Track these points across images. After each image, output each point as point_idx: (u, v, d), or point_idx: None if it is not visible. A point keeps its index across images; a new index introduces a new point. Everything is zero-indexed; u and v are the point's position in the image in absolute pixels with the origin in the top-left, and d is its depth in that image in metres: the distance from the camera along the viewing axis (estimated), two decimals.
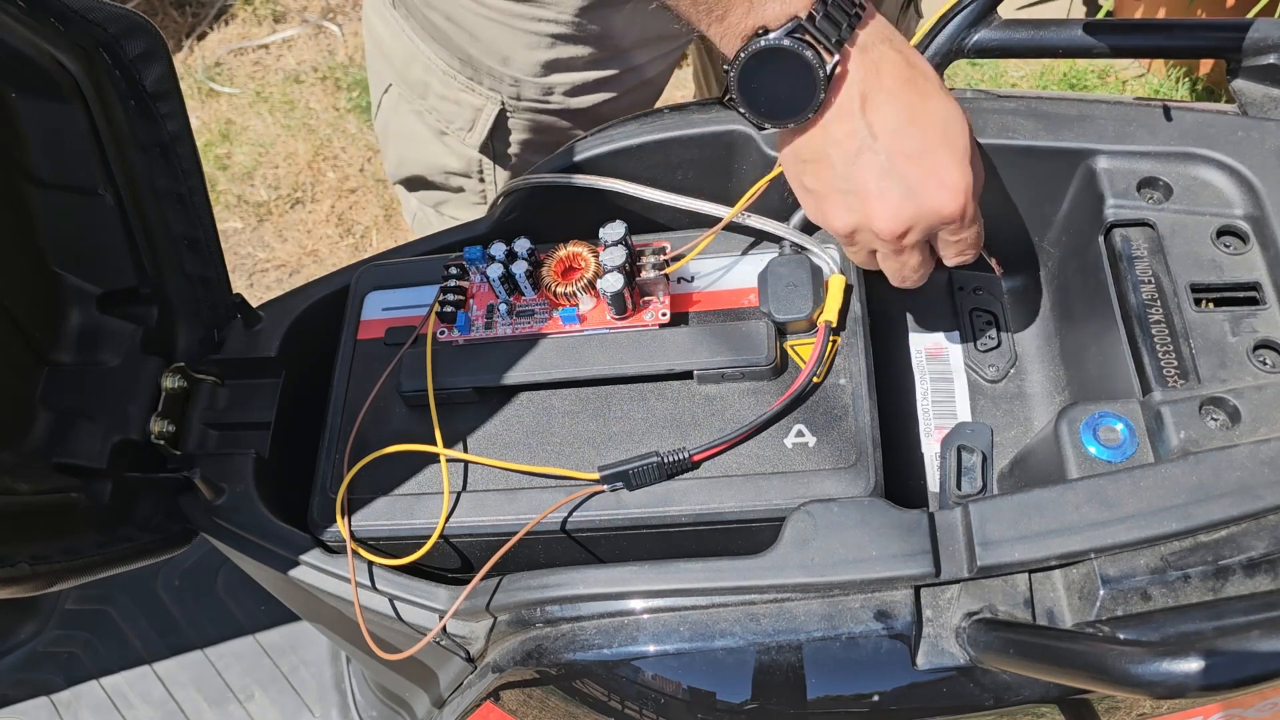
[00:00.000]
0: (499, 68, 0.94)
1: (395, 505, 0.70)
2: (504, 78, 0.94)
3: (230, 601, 1.33)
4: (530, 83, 0.94)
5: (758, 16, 0.59)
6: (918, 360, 0.80)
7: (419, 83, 0.99)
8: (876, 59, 0.60)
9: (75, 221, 0.78)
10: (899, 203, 0.61)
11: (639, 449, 0.68)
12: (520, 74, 0.94)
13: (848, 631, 0.61)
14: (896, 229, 0.62)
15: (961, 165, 0.61)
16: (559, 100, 0.96)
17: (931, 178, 0.60)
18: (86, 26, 0.69)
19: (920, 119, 0.60)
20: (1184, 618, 0.53)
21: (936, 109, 0.61)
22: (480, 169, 1.02)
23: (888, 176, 0.60)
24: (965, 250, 0.65)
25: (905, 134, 0.60)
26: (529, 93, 0.95)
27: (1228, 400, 0.61)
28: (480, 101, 0.97)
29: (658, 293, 0.73)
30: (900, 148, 0.60)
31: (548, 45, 0.91)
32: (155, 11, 2.44)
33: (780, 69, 0.59)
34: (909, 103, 0.60)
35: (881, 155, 0.60)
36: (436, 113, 1.00)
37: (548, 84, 0.94)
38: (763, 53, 0.59)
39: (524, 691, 0.70)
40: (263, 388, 0.82)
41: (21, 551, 0.70)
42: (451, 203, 1.08)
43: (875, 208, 0.61)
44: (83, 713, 1.28)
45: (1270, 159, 0.69)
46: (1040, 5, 2.08)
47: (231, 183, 2.17)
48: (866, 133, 0.60)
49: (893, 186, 0.60)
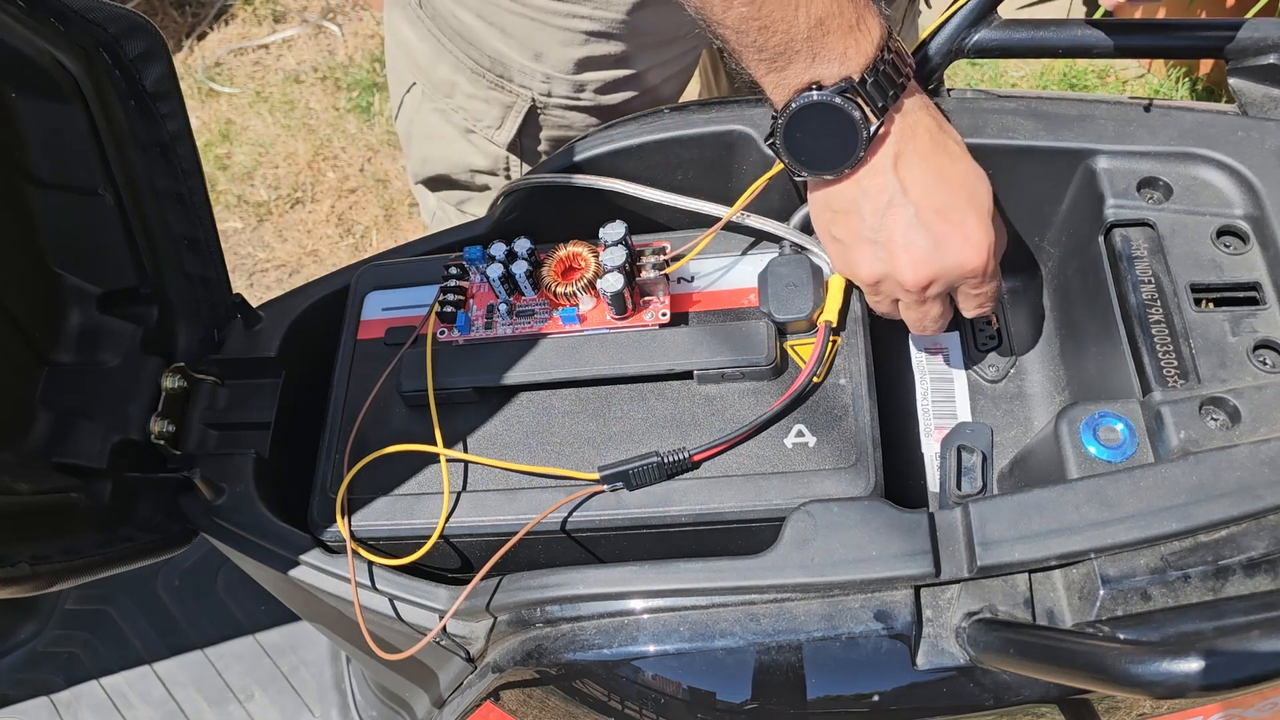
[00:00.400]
0: (531, 64, 0.94)
1: (395, 505, 0.70)
2: (535, 74, 0.95)
3: (230, 601, 1.34)
4: (562, 80, 0.95)
5: (815, 73, 0.62)
6: (918, 360, 0.80)
7: (445, 82, 1.00)
8: (913, 123, 0.64)
9: (75, 221, 0.78)
10: (925, 255, 0.64)
11: (639, 449, 0.68)
12: (553, 70, 0.94)
13: (848, 631, 0.61)
14: (921, 280, 0.65)
15: (985, 223, 0.65)
16: (589, 98, 0.97)
17: (957, 232, 0.64)
18: (86, 26, 0.69)
19: (948, 178, 0.64)
20: (1184, 618, 0.53)
21: (964, 171, 0.65)
22: (507, 166, 1.03)
23: (915, 229, 0.64)
24: (984, 304, 0.69)
25: (934, 191, 0.64)
26: (560, 90, 0.96)
27: (1228, 400, 0.61)
28: (510, 99, 0.97)
29: (658, 293, 0.73)
30: (929, 203, 0.64)
31: (581, 42, 0.92)
32: (155, 11, 2.44)
33: (826, 124, 0.62)
34: (938, 163, 0.64)
35: (910, 209, 0.64)
36: (464, 111, 1.00)
37: (580, 81, 0.95)
38: (814, 106, 0.62)
39: (524, 691, 0.70)
40: (263, 388, 0.82)
41: (21, 551, 0.70)
42: (474, 200, 1.09)
43: (902, 259, 0.64)
44: (83, 713, 1.28)
45: (1270, 159, 0.69)
46: (1040, 5, 2.08)
47: (231, 183, 2.17)
48: (897, 188, 0.64)
49: (920, 239, 0.64)
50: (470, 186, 1.07)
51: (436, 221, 1.15)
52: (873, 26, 0.62)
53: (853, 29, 0.61)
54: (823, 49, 0.61)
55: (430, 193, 1.12)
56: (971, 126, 0.73)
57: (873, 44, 0.62)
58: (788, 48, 0.61)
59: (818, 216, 0.69)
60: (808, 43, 0.61)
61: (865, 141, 0.63)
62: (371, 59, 2.33)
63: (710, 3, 0.60)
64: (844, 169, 0.64)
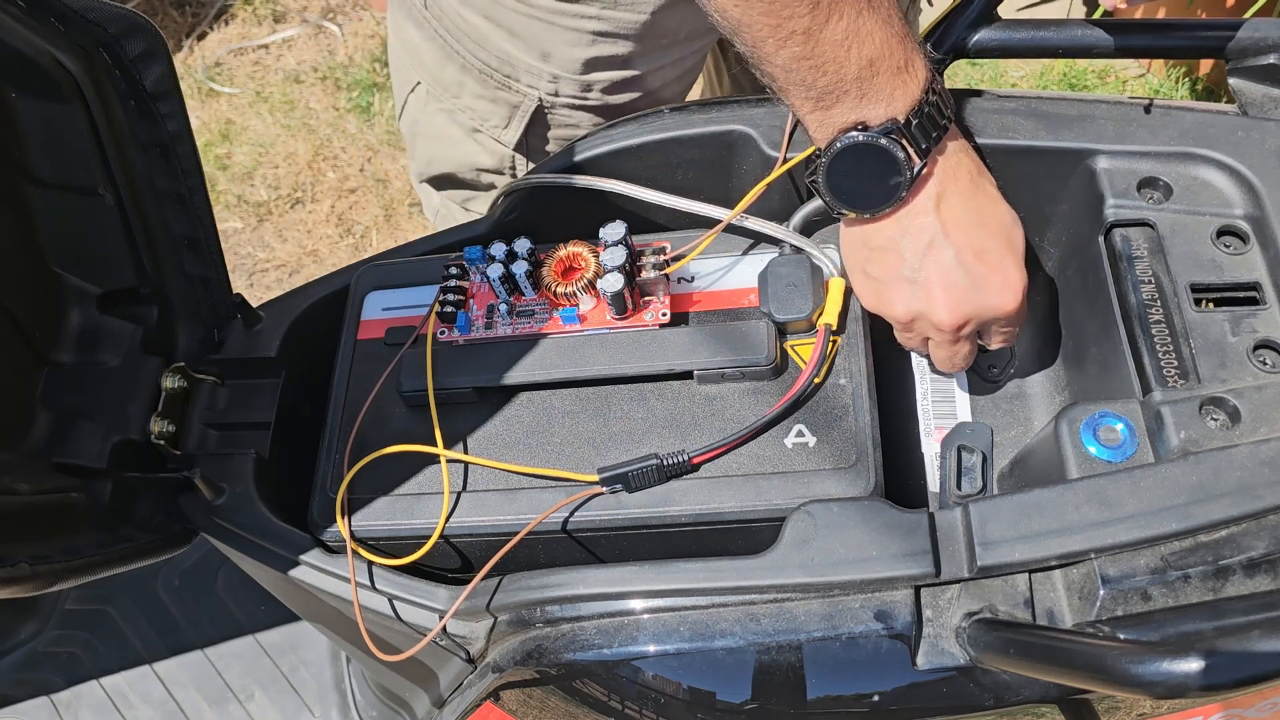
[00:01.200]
0: (538, 64, 0.94)
1: (395, 505, 0.70)
2: (543, 74, 0.95)
3: (230, 601, 1.34)
4: (569, 79, 0.95)
5: (861, 113, 0.62)
6: (918, 360, 0.80)
7: (453, 82, 1.00)
8: (955, 164, 0.65)
9: (75, 221, 0.78)
10: (963, 297, 0.65)
11: (639, 449, 0.68)
12: (560, 70, 0.94)
13: (848, 631, 0.61)
14: (958, 321, 0.66)
15: (1021, 266, 0.66)
16: (597, 97, 0.97)
17: (996, 275, 0.65)
18: (86, 26, 0.69)
19: (988, 221, 0.65)
20: (1184, 618, 0.53)
21: (1002, 213, 0.66)
22: (514, 165, 1.03)
23: (956, 270, 0.64)
24: (1009, 339, 0.70)
25: (975, 233, 0.64)
26: (567, 90, 0.96)
27: (1228, 400, 0.61)
28: (517, 99, 0.97)
29: (658, 293, 0.73)
30: (970, 245, 0.64)
31: (589, 42, 0.92)
32: (155, 11, 2.44)
33: (870, 163, 0.63)
34: (979, 206, 0.65)
35: (951, 251, 0.64)
36: (471, 111, 1.00)
37: (587, 81, 0.95)
38: (859, 147, 0.62)
39: (524, 691, 0.70)
40: (263, 388, 0.82)
41: (21, 551, 0.70)
42: (479, 199, 1.09)
43: (939, 299, 0.65)
44: (83, 713, 1.28)
45: (1270, 159, 0.69)
46: (1040, 5, 2.08)
47: (231, 183, 2.17)
48: (939, 228, 0.64)
49: (960, 280, 0.64)
50: (476, 185, 1.07)
51: (440, 219, 1.15)
52: (919, 68, 0.62)
53: (900, 70, 0.61)
54: (871, 89, 0.61)
55: (435, 191, 1.12)
56: (971, 127, 0.73)
57: (919, 86, 0.62)
58: (836, 87, 0.61)
59: (851, 253, 0.69)
60: (856, 83, 0.61)
61: (908, 182, 0.63)
62: (372, 59, 2.33)
63: (763, 42, 0.60)
64: (886, 208, 0.64)
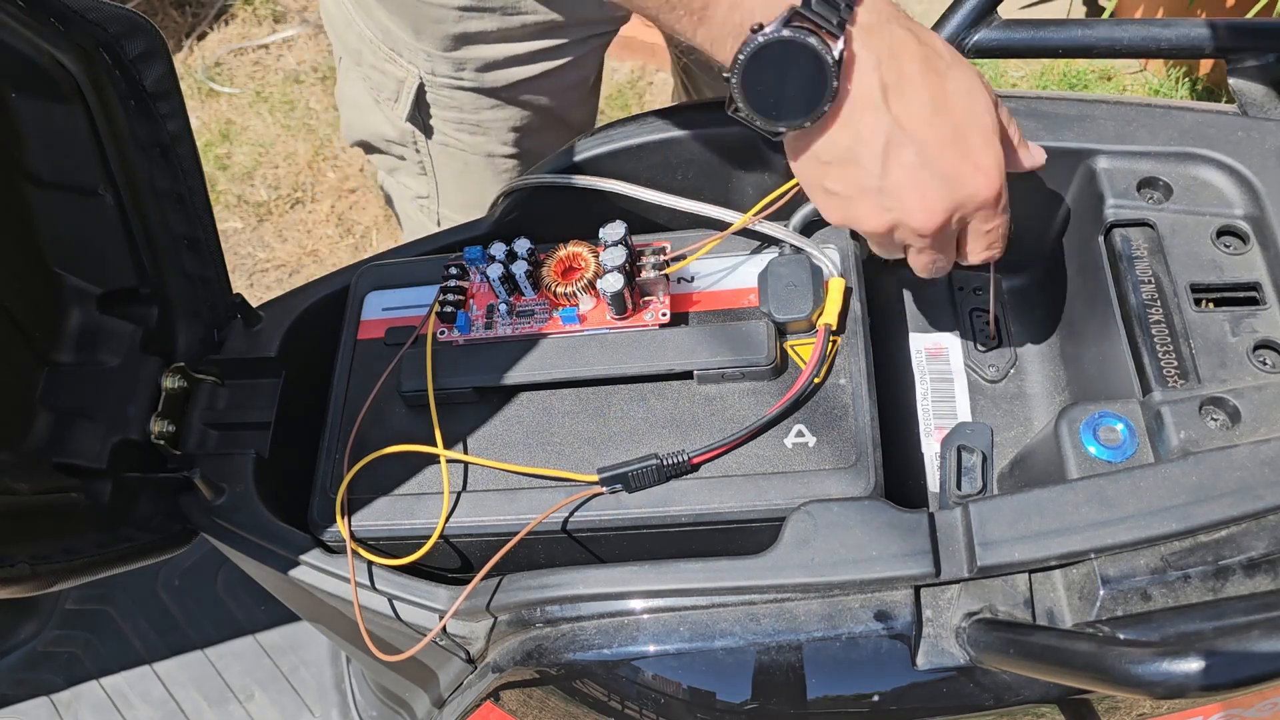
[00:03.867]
0: (412, 41, 0.92)
1: (395, 505, 0.70)
2: (418, 51, 0.92)
3: (230, 601, 1.34)
4: (442, 58, 0.92)
5: (745, 12, 0.56)
6: (918, 360, 0.80)
7: (355, 51, 0.98)
8: (889, 41, 0.57)
9: (75, 221, 0.78)
10: (938, 195, 0.58)
11: (639, 449, 0.68)
12: (431, 48, 0.92)
13: (848, 631, 0.61)
14: (937, 223, 0.59)
15: (992, 143, 0.59)
16: (472, 77, 0.94)
17: (966, 163, 0.58)
18: (86, 26, 0.69)
19: (947, 102, 0.58)
20: (1184, 618, 0.53)
21: (959, 87, 0.59)
22: (415, 140, 1.01)
23: (923, 169, 0.58)
24: (994, 243, 0.63)
25: (934, 121, 0.57)
26: (442, 69, 0.93)
27: (1228, 400, 0.61)
28: (402, 73, 0.95)
29: (658, 293, 0.73)
30: (932, 136, 0.57)
31: (455, 19, 0.89)
32: (155, 11, 2.44)
33: (785, 64, 0.56)
34: (932, 86, 0.57)
35: (912, 149, 0.57)
36: (369, 80, 0.99)
37: (458, 59, 0.92)
38: (763, 49, 0.55)
39: (524, 691, 0.70)
40: (263, 388, 0.82)
41: (21, 551, 0.70)
42: (401, 170, 1.07)
43: (913, 204, 0.59)
44: (83, 713, 1.28)
45: (1270, 159, 0.69)
46: (1040, 5, 2.08)
47: (231, 183, 2.17)
48: (893, 125, 0.57)
49: (929, 179, 0.58)
50: (390, 154, 1.05)
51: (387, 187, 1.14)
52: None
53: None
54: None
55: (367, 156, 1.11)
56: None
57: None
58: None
59: (805, 173, 0.62)
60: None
61: (833, 70, 0.55)
62: None
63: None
64: (823, 109, 0.57)
